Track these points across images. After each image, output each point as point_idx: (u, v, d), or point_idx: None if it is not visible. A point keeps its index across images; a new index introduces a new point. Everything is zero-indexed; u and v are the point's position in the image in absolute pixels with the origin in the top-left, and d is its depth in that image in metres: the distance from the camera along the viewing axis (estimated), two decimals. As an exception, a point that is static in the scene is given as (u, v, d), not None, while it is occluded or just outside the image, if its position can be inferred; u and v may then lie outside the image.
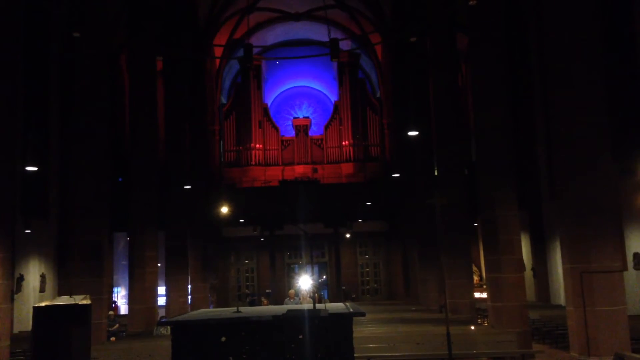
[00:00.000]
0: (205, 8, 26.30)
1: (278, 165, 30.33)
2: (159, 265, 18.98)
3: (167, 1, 21.92)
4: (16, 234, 11.91)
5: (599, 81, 9.59)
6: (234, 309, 7.90)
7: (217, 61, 29.92)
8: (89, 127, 13.72)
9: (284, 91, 33.40)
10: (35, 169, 15.59)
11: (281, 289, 26.55)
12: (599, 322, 9.01)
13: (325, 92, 33.30)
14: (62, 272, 19.96)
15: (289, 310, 7.22)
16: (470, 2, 12.70)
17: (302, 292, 16.24)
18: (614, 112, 12.14)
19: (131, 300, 18.13)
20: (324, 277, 29.74)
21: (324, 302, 8.66)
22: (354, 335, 7.16)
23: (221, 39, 28.80)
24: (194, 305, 22.21)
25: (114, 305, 25.50)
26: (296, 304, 13.99)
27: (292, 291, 17.22)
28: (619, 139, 13.58)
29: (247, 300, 24.65)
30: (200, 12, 26.16)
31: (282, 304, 16.31)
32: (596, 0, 9.86)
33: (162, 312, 20.04)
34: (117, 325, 17.12)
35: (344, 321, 7.12)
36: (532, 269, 21.19)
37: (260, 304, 22.05)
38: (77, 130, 14.06)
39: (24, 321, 16.78)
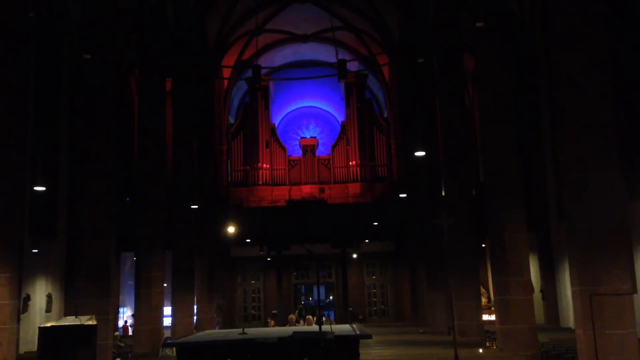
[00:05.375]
0: (215, 29, 26.58)
1: (285, 185, 30.35)
2: (165, 285, 18.94)
3: (177, 22, 22.19)
4: (24, 253, 11.93)
5: (609, 102, 9.57)
6: (240, 330, 7.87)
7: (226, 81, 30.15)
8: (97, 147, 13.80)
9: (291, 111, 33.56)
10: (43, 189, 15.65)
11: (288, 310, 26.40)
12: (608, 346, 8.88)
13: (332, 112, 33.42)
14: (69, 292, 19.93)
15: (295, 332, 7.17)
16: (477, 24, 12.76)
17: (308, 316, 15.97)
18: (624, 133, 12.10)
19: (137, 320, 18.06)
20: (331, 297, 29.58)
21: (330, 324, 8.59)
22: (361, 357, 7.10)
23: (230, 59, 29.06)
24: (200, 326, 22.09)
25: (124, 324, 25.42)
26: None
27: (292, 316, 16.71)
28: (629, 160, 13.53)
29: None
30: (210, 34, 26.44)
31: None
32: (606, 21, 9.88)
33: (167, 333, 19.95)
34: (123, 344, 17.06)
35: (350, 343, 7.07)
36: (541, 290, 20.98)
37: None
38: (85, 150, 14.13)
39: (30, 341, 16.73)
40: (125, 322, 25.80)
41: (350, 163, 30.24)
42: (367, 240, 27.12)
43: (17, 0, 11.34)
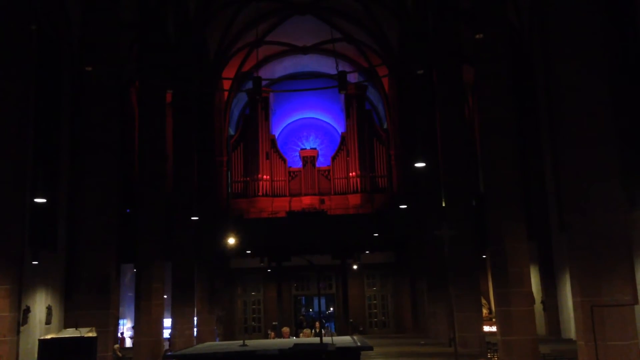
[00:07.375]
0: (215, 41, 26.70)
1: (285, 196, 30.34)
2: (165, 297, 18.89)
3: (177, 35, 22.29)
4: (24, 265, 11.90)
5: (608, 111, 9.60)
6: (240, 342, 7.84)
7: (226, 93, 30.25)
8: (98, 159, 13.82)
9: (291, 123, 33.63)
10: (44, 200, 15.65)
11: (288, 321, 26.31)
12: (610, 357, 8.85)
13: (332, 123, 33.49)
14: (69, 304, 19.85)
15: (296, 344, 7.15)
16: (477, 36, 12.83)
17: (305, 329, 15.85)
18: (624, 143, 12.11)
19: (137, 332, 18.00)
20: (331, 309, 29.49)
21: (331, 335, 8.56)
22: (362, 370, 7.07)
23: (230, 71, 29.16)
24: (200, 338, 22.00)
25: (121, 336, 25.31)
26: None
27: (286, 329, 16.45)
28: (629, 170, 13.52)
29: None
30: (210, 46, 26.55)
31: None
32: (605, 32, 9.94)
33: (167, 345, 19.85)
34: (121, 355, 16.99)
35: (351, 355, 7.04)
36: (542, 301, 20.90)
37: None
38: (86, 162, 14.15)
39: (30, 354, 16.64)
40: (122, 333, 25.67)
41: (350, 174, 30.26)
42: (367, 252, 27.07)
43: (19, 13, 11.41)
